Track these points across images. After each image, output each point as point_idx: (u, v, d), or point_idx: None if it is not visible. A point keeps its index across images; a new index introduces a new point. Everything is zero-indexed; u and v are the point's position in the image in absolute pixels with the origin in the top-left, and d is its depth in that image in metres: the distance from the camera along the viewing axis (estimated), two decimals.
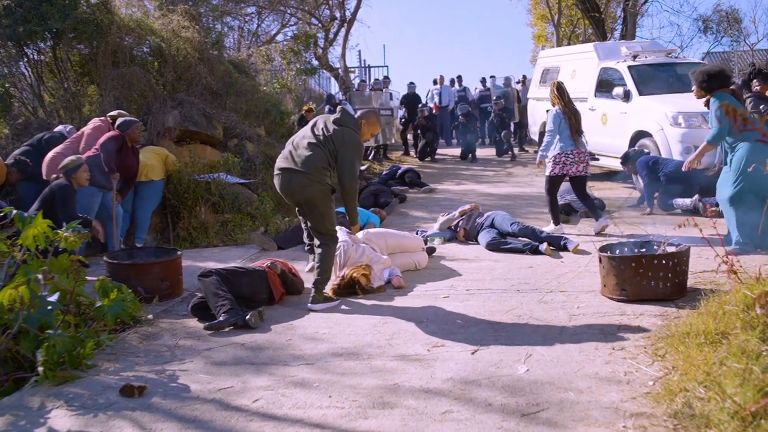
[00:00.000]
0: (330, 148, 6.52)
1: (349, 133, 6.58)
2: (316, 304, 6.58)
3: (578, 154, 9.27)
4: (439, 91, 23.67)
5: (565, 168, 9.24)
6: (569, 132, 9.23)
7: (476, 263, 8.05)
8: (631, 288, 6.17)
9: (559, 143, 9.23)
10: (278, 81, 17.42)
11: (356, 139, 6.61)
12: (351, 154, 6.54)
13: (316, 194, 6.51)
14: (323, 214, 6.60)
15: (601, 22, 22.26)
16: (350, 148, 6.55)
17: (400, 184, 13.98)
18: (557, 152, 9.23)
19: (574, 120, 9.27)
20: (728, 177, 7.74)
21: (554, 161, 9.28)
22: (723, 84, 7.72)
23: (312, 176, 6.47)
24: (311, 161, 6.48)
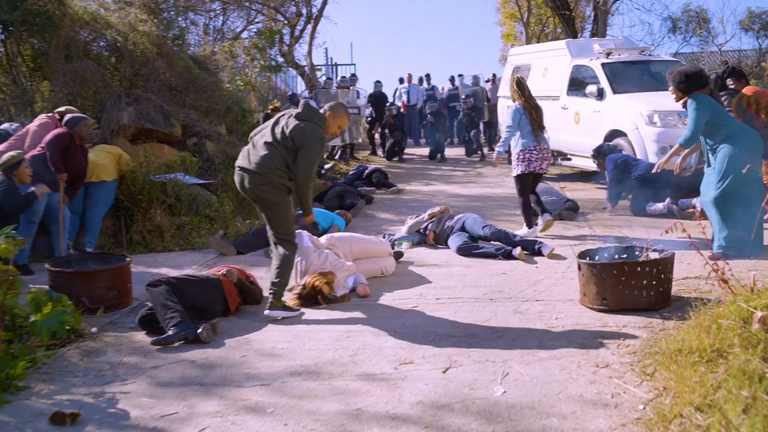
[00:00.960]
0: (288, 146, 6.11)
1: (311, 127, 6.15)
2: (273, 310, 6.11)
3: (540, 150, 8.94)
4: (408, 90, 23.25)
5: (531, 165, 8.90)
6: (530, 128, 8.91)
7: (446, 269, 7.61)
8: (612, 297, 5.76)
9: (520, 140, 8.92)
10: (242, 78, 16.84)
11: (318, 134, 6.18)
12: (310, 149, 6.11)
13: (270, 196, 6.13)
14: (280, 215, 6.19)
15: (572, 20, 21.95)
16: (311, 142, 6.11)
17: (367, 185, 13.51)
18: (519, 149, 8.91)
19: (536, 115, 8.97)
20: (711, 179, 7.48)
21: (518, 159, 8.95)
22: (701, 85, 7.47)
23: (266, 177, 6.08)
24: (266, 162, 6.09)
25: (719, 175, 7.35)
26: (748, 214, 7.32)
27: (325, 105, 6.52)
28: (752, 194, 7.34)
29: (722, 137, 7.37)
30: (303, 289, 6.44)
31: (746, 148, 7.30)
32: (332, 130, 6.43)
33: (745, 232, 7.36)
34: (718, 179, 7.36)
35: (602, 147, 11.05)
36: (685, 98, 7.51)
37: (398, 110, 20.00)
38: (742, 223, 7.36)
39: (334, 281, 6.57)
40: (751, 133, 7.48)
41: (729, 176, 7.27)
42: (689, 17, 29.82)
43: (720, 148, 7.39)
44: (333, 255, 6.94)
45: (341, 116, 6.43)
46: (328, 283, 6.48)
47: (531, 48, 17.01)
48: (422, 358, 4.98)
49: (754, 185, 7.41)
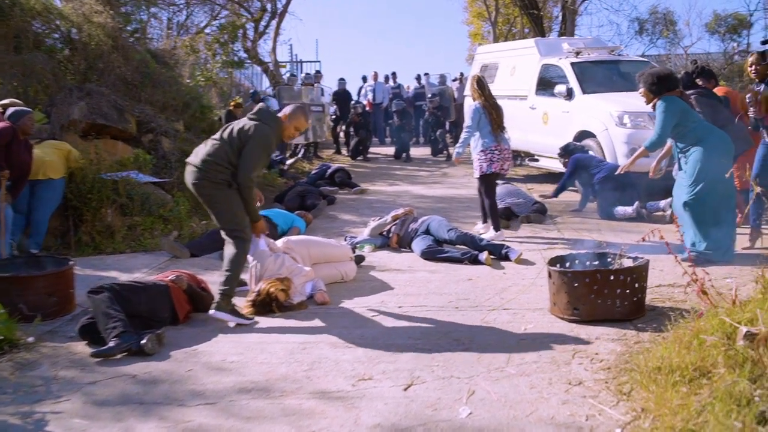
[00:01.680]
0: (234, 144, 5.81)
1: (258, 126, 5.84)
2: (219, 311, 5.75)
3: (501, 150, 8.70)
4: (373, 88, 22.87)
5: (493, 165, 8.65)
6: (490, 128, 8.66)
7: (410, 274, 7.27)
8: (584, 307, 5.45)
9: (480, 140, 8.68)
10: (203, 74, 16.37)
11: (264, 134, 5.84)
12: (253, 148, 5.79)
13: (208, 190, 5.82)
14: (224, 210, 5.85)
15: (540, 19, 21.74)
16: (255, 141, 5.80)
17: (330, 185, 13.12)
18: (480, 149, 8.66)
19: (495, 115, 8.73)
20: (683, 182, 7.29)
21: (480, 159, 8.69)
22: (671, 87, 7.31)
23: (205, 172, 5.78)
24: (207, 158, 5.81)
25: (691, 179, 7.17)
26: (721, 218, 7.17)
27: (287, 107, 6.18)
28: (724, 197, 7.22)
29: (693, 140, 7.20)
30: (257, 296, 6.06)
31: (717, 151, 7.13)
32: (289, 132, 6.08)
33: (719, 235, 7.19)
34: (690, 183, 7.18)
35: (569, 146, 10.82)
36: (655, 100, 7.31)
37: (363, 108, 19.63)
38: (715, 226, 7.21)
39: (290, 288, 6.19)
40: (721, 135, 7.30)
41: (701, 180, 7.10)
42: (656, 19, 29.77)
43: (691, 152, 7.21)
44: (290, 259, 6.57)
45: (298, 118, 6.08)
46: (283, 289, 6.10)
47: (499, 46, 16.72)
48: (382, 373, 4.62)
49: (726, 188, 7.23)
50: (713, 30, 31.56)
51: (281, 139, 6.11)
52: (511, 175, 14.61)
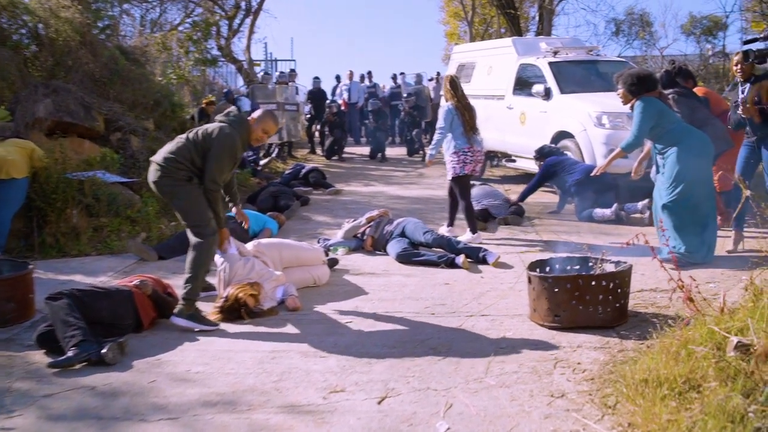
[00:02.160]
0: (198, 144, 5.63)
1: (224, 129, 5.65)
2: (180, 318, 5.54)
3: (474, 152, 8.52)
4: (348, 87, 22.61)
5: (466, 167, 8.47)
6: (463, 129, 8.47)
7: (385, 278, 7.04)
8: (566, 314, 5.26)
9: (453, 141, 8.48)
10: (175, 71, 16.03)
11: (229, 137, 5.64)
12: (217, 151, 5.61)
13: (167, 188, 5.66)
14: (185, 206, 5.66)
15: (517, 19, 21.58)
16: (219, 145, 5.61)
17: (304, 185, 12.86)
18: (453, 151, 8.48)
19: (468, 116, 8.53)
20: (662, 185, 7.17)
21: (452, 161, 8.50)
22: (651, 87, 7.19)
23: (163, 169, 5.61)
24: (168, 154, 5.66)
25: (669, 181, 7.06)
26: (700, 220, 7.05)
27: (256, 112, 5.98)
28: (704, 199, 7.10)
29: (671, 141, 7.08)
30: (225, 302, 5.81)
31: (696, 151, 7.02)
32: (257, 136, 5.86)
33: (698, 238, 7.09)
34: (669, 185, 7.07)
35: (543, 148, 10.65)
36: (633, 101, 7.19)
37: (339, 108, 19.37)
38: (694, 228, 7.09)
39: (260, 293, 5.95)
40: (699, 135, 7.17)
41: (680, 182, 6.99)
42: (632, 20, 29.75)
43: (669, 153, 7.10)
44: (260, 263, 6.32)
45: (266, 121, 5.85)
46: (253, 294, 5.86)
47: (476, 45, 16.53)
48: (355, 384, 4.40)
49: (705, 189, 7.11)
50: (689, 32, 31.64)
51: (249, 142, 5.89)
52: (488, 176, 14.48)
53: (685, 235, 7.04)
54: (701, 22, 31.13)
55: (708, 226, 7.16)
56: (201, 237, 5.60)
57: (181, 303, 5.55)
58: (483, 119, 13.51)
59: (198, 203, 5.62)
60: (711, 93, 9.32)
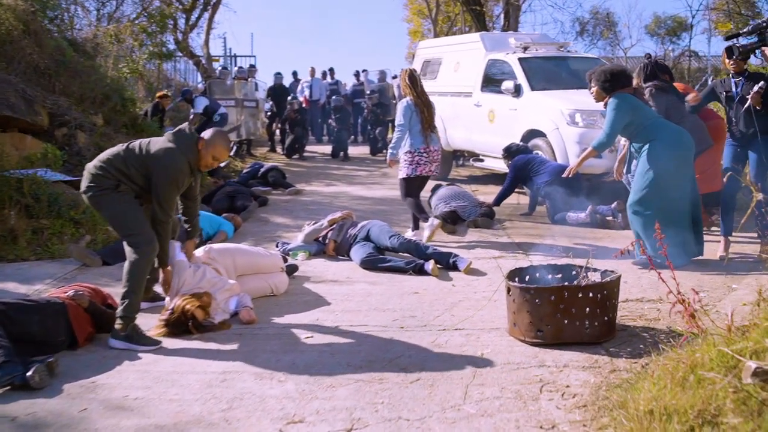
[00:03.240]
0: (138, 161, 5.10)
1: (169, 153, 5.08)
2: (116, 340, 4.94)
3: (430, 152, 8.11)
4: (310, 84, 22.00)
5: (419, 169, 8.06)
6: (420, 127, 8.04)
7: (348, 286, 6.49)
8: (549, 328, 4.76)
9: (408, 140, 8.06)
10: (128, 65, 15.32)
11: (172, 162, 5.08)
12: (160, 182, 5.07)
13: (94, 199, 5.13)
14: (113, 216, 5.14)
15: (482, 16, 21.14)
16: (162, 175, 5.07)
17: (263, 184, 12.23)
18: (407, 150, 8.06)
19: (427, 113, 8.09)
20: (634, 184, 6.86)
21: (406, 161, 8.11)
22: (625, 84, 6.86)
23: (92, 176, 5.11)
24: (98, 162, 5.16)
25: (641, 179, 6.73)
26: (674, 219, 6.65)
27: (206, 132, 5.31)
28: (679, 196, 6.73)
29: (645, 138, 6.73)
30: (171, 314, 5.21)
31: (670, 146, 6.67)
32: (206, 162, 5.27)
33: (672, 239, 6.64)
34: (640, 182, 6.74)
35: (511, 147, 10.13)
36: (606, 98, 6.84)
37: (300, 105, 18.75)
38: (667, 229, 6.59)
39: (210, 304, 5.36)
40: (674, 129, 6.81)
41: (651, 177, 6.65)
42: (597, 20, 29.60)
43: (643, 151, 6.75)
44: (211, 271, 5.73)
45: (217, 146, 5.24)
46: (202, 306, 5.27)
47: (442, 41, 16.00)
48: (316, 413, 3.84)
49: (682, 185, 6.71)
50: (653, 32, 31.64)
51: (197, 168, 5.29)
52: (454, 176, 13.99)
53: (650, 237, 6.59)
54: (666, 23, 31.18)
55: (684, 226, 6.74)
56: (137, 247, 5.01)
57: (118, 322, 4.94)
58: (450, 117, 13.14)
59: (127, 211, 5.06)
60: (690, 89, 8.90)
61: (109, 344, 4.91)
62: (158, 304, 5.75)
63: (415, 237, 8.09)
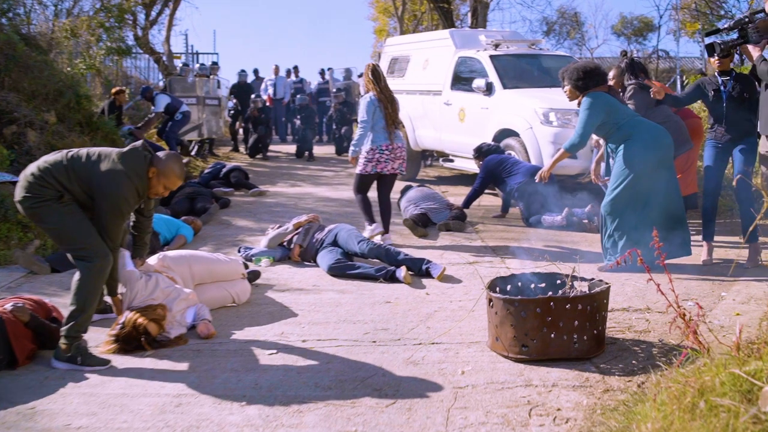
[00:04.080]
0: (82, 175, 4.56)
1: (115, 178, 4.55)
2: (58, 361, 4.46)
3: (393, 149, 7.78)
4: (274, 82, 21.50)
5: (379, 166, 7.73)
6: (384, 123, 7.72)
7: (315, 295, 6.06)
8: (535, 343, 4.38)
9: (370, 136, 7.73)
10: (84, 61, 14.73)
11: (117, 189, 4.56)
12: (103, 208, 4.56)
13: (28, 209, 4.56)
14: (55, 229, 4.59)
15: (450, 13, 20.78)
16: (105, 199, 4.55)
17: (225, 185, 11.73)
18: (369, 147, 7.73)
19: (390, 109, 7.76)
20: (610, 183, 6.58)
21: (366, 158, 7.78)
22: (599, 82, 6.55)
23: (27, 183, 4.53)
24: (37, 166, 4.60)
25: (616, 179, 6.45)
26: (649, 220, 6.32)
27: (160, 155, 4.80)
28: (656, 196, 6.43)
29: (622, 137, 6.44)
30: (122, 329, 4.76)
31: (646, 144, 6.36)
32: (156, 191, 4.79)
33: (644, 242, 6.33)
34: (614, 184, 6.46)
35: (482, 147, 9.74)
36: (580, 97, 6.55)
37: (264, 103, 18.25)
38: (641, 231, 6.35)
39: (165, 317, 4.92)
40: (652, 127, 6.51)
41: (625, 180, 6.37)
42: (563, 20, 29.45)
43: (618, 151, 6.46)
44: (165, 280, 5.26)
45: (169, 175, 4.74)
46: (156, 320, 4.82)
47: (410, 38, 15.58)
48: None
49: (658, 185, 6.42)
50: (620, 32, 31.59)
51: (147, 195, 4.82)
52: (422, 177, 13.62)
53: (629, 241, 6.39)
54: (632, 23, 31.15)
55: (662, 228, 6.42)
56: (88, 261, 4.52)
57: (62, 342, 4.46)
58: (419, 116, 12.76)
59: (73, 224, 4.54)
60: (666, 89, 8.60)
61: (53, 366, 4.44)
62: (109, 316, 5.28)
63: (384, 241, 7.72)
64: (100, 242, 4.56)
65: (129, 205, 4.65)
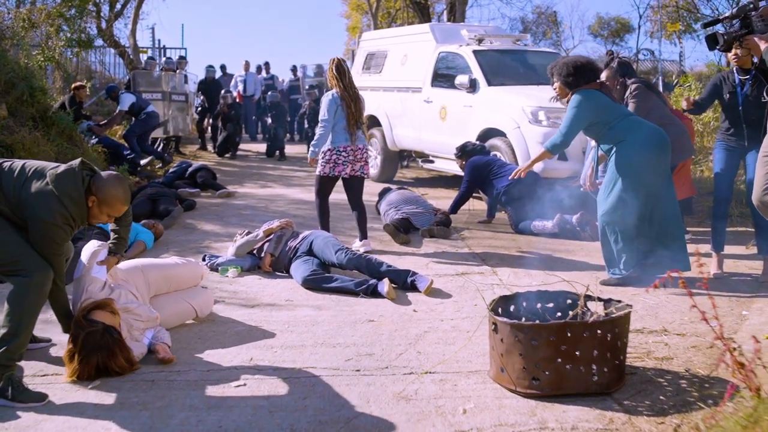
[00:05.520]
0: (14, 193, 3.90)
1: (46, 204, 3.89)
2: None
3: (353, 151, 7.25)
4: (244, 78, 20.73)
5: (337, 168, 7.26)
6: (345, 123, 7.27)
7: (289, 312, 5.38)
8: (548, 376, 3.75)
9: (331, 136, 7.29)
10: (42, 52, 13.90)
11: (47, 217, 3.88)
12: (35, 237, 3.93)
13: None
14: None
15: (426, 9, 20.18)
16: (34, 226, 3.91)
17: (191, 186, 10.99)
18: (327, 147, 7.30)
19: (354, 109, 7.25)
20: (603, 191, 5.97)
21: (324, 158, 7.23)
22: (591, 78, 5.98)
23: None
24: None
25: (610, 185, 5.87)
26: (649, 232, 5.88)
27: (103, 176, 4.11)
28: (654, 205, 5.87)
29: (615, 139, 5.86)
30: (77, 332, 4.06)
31: (642, 146, 5.79)
32: (98, 219, 4.15)
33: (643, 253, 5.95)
34: (608, 190, 5.89)
35: (466, 146, 9.07)
36: (570, 95, 5.99)
37: (234, 99, 17.50)
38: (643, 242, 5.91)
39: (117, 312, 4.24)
40: (650, 128, 5.93)
41: (621, 185, 5.80)
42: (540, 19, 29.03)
43: (613, 153, 5.88)
44: (129, 296, 4.55)
45: (113, 202, 4.09)
46: (112, 311, 4.16)
47: (388, 32, 14.91)
48: None
49: (656, 193, 5.86)
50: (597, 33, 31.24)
51: (86, 222, 4.16)
52: (399, 178, 12.97)
53: (629, 251, 5.91)
54: (609, 24, 30.82)
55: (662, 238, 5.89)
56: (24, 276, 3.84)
57: None
58: (397, 114, 12.12)
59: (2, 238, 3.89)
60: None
61: None
62: (41, 345, 4.55)
63: (363, 248, 7.08)
64: (35, 254, 3.88)
65: (64, 233, 3.98)
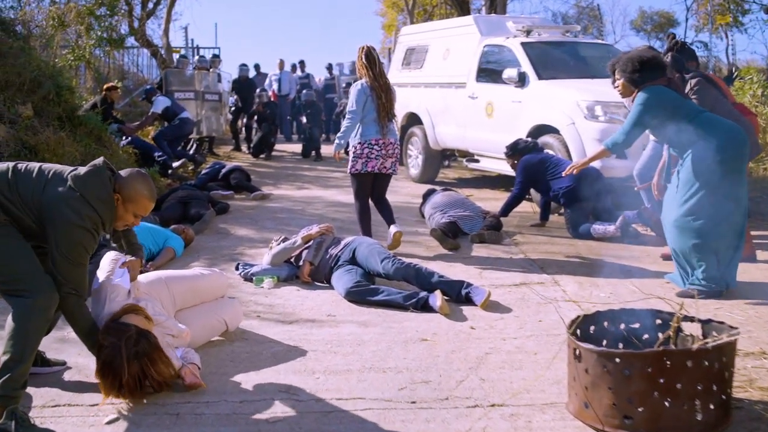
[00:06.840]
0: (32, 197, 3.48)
1: (70, 210, 3.46)
2: None
3: (386, 145, 6.78)
4: (279, 78, 20.24)
5: (370, 164, 6.84)
6: (376, 115, 6.83)
7: (332, 329, 4.80)
8: (643, 414, 3.15)
9: (360, 128, 6.90)
10: (73, 51, 13.50)
11: (73, 224, 3.44)
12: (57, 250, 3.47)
13: None
14: None
15: (466, 5, 19.57)
16: (58, 237, 3.46)
17: (224, 188, 10.50)
18: (357, 141, 6.89)
19: (385, 99, 6.87)
20: (676, 195, 5.37)
21: (355, 154, 6.88)
22: (658, 74, 5.41)
23: None
24: None
25: (686, 189, 5.26)
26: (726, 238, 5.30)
27: (123, 174, 3.67)
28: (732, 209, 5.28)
29: (689, 139, 5.22)
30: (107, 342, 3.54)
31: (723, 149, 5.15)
32: (124, 221, 3.72)
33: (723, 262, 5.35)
34: (683, 195, 5.27)
35: (518, 143, 8.38)
36: (635, 93, 5.41)
37: (269, 99, 17.00)
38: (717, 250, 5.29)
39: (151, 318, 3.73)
40: (728, 127, 5.35)
41: (697, 190, 5.23)
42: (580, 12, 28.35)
43: (686, 155, 5.26)
44: (157, 308, 4.02)
45: (139, 200, 3.67)
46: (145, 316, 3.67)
47: (429, 26, 14.31)
48: None
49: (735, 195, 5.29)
50: (639, 27, 30.49)
51: (113, 226, 3.74)
52: (441, 179, 12.37)
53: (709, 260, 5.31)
54: (652, 18, 30.07)
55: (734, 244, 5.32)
56: (26, 297, 3.37)
57: None
58: (439, 112, 11.53)
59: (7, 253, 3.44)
60: (720, 81, 7.38)
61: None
62: (55, 369, 4.04)
63: (395, 229, 6.67)
64: (42, 273, 3.38)
65: (92, 239, 3.54)
